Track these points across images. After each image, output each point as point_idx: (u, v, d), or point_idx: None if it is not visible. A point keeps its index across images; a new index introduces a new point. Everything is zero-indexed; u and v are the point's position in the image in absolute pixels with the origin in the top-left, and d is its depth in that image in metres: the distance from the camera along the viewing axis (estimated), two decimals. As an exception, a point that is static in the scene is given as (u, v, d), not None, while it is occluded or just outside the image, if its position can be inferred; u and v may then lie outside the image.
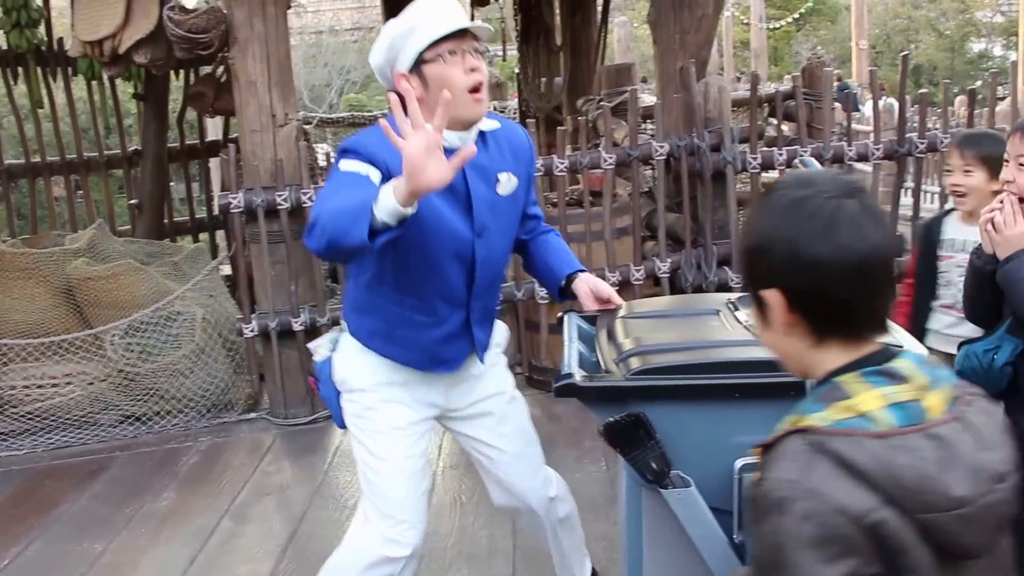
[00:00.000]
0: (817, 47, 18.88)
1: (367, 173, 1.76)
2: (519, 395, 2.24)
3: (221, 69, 4.99)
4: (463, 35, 1.83)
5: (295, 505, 3.47)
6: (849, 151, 4.25)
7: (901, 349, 1.12)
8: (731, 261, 4.30)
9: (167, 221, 6.03)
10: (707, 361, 1.96)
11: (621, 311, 2.01)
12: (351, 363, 2.06)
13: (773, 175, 4.79)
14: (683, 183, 4.35)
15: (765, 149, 4.35)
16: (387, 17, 7.85)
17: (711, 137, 4.24)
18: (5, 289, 4.33)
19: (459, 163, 1.62)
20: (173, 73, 5.62)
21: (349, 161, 1.79)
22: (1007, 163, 2.38)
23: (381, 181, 1.74)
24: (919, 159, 4.45)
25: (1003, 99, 5.16)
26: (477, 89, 1.83)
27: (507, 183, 1.97)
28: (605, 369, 1.99)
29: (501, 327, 2.19)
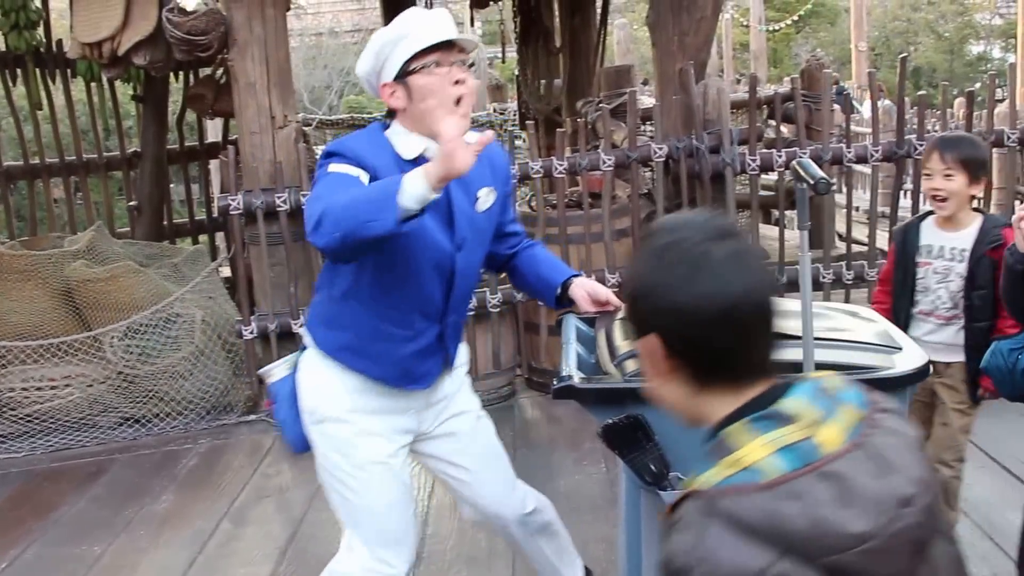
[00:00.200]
0: (816, 49, 18.89)
1: (357, 175, 1.76)
2: (485, 414, 2.21)
3: (220, 71, 4.99)
4: (450, 47, 1.83)
5: (294, 507, 3.47)
6: (848, 153, 4.25)
7: (794, 384, 1.09)
8: (730, 263, 4.30)
9: (166, 223, 6.03)
10: (706, 363, 1.96)
11: (620, 313, 2.01)
12: (319, 388, 1.99)
13: (772, 177, 4.80)
14: (682, 185, 4.35)
15: (764, 151, 4.35)
16: (387, 19, 7.86)
17: (710, 139, 4.24)
18: (4, 291, 4.33)
19: (479, 149, 1.64)
20: (172, 75, 5.63)
21: (338, 164, 1.79)
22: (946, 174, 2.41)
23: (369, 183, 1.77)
24: (918, 161, 4.44)
25: (1001, 101, 5.17)
26: (459, 100, 1.82)
27: (486, 199, 1.97)
28: (604, 371, 1.99)
29: (464, 348, 2.16)
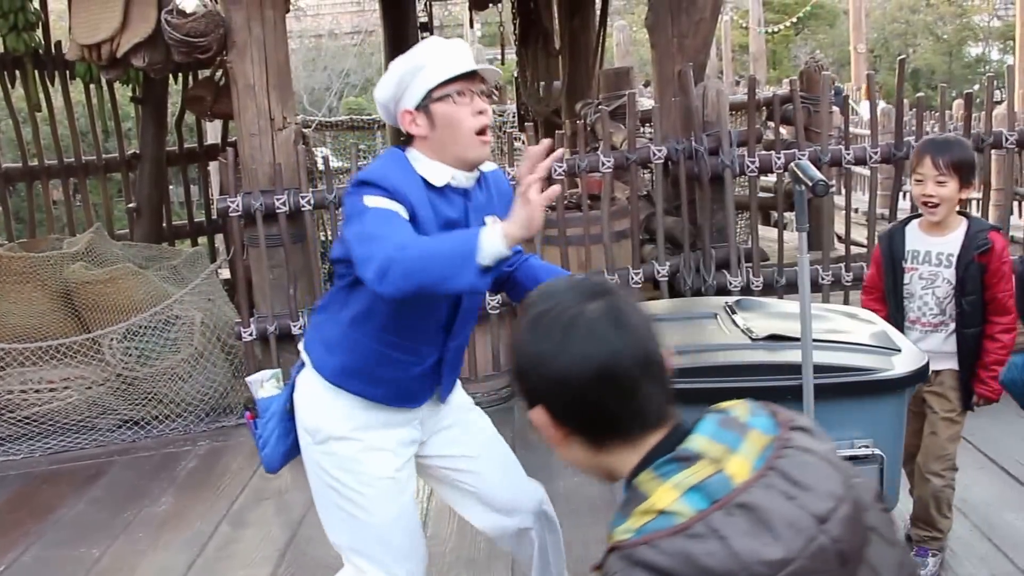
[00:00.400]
0: (815, 51, 18.90)
1: (396, 210, 1.77)
2: (477, 407, 2.20)
3: (220, 73, 4.99)
4: (472, 77, 1.86)
5: (294, 510, 3.46)
6: (847, 154, 4.25)
7: (697, 421, 1.10)
8: (730, 265, 4.30)
9: (165, 225, 6.03)
10: (705, 365, 1.96)
11: None
12: (323, 408, 1.96)
13: (771, 178, 4.80)
14: (681, 187, 4.36)
15: (763, 153, 4.35)
16: (386, 21, 7.87)
17: (709, 141, 4.24)
18: (3, 293, 4.33)
19: (546, 204, 1.67)
20: (171, 77, 5.63)
21: (375, 197, 1.78)
22: (921, 181, 2.38)
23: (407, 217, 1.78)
24: (917, 162, 4.44)
25: (1000, 103, 5.17)
26: (483, 132, 1.86)
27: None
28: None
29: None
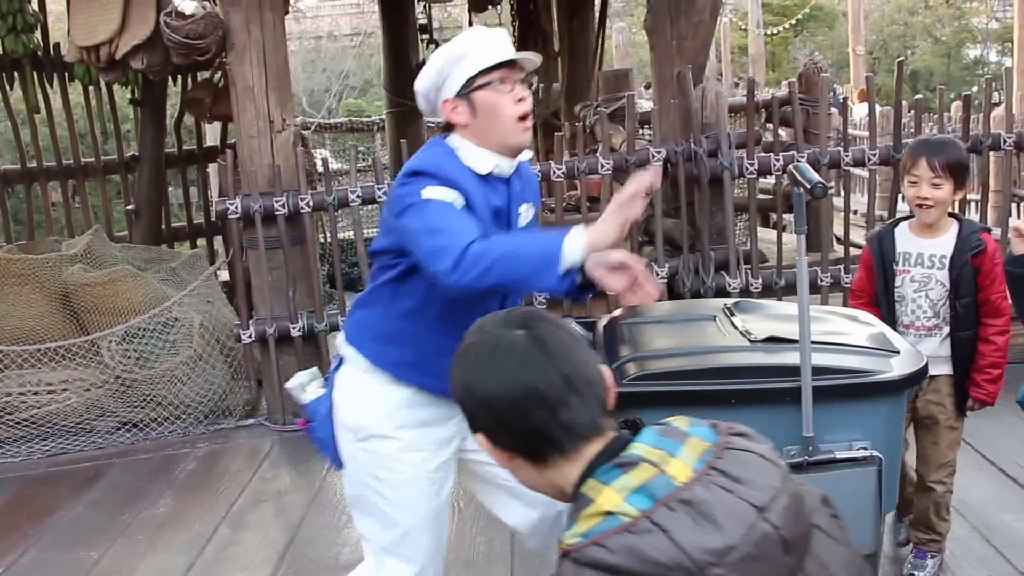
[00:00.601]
0: (814, 53, 18.91)
1: (453, 200, 1.79)
2: None
3: (219, 75, 4.99)
4: (512, 65, 1.89)
5: (293, 512, 3.46)
6: (845, 156, 4.26)
7: (637, 431, 1.16)
8: (728, 266, 4.31)
9: (164, 227, 6.02)
10: (704, 367, 1.96)
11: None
12: (365, 405, 1.98)
13: (770, 180, 4.80)
14: (680, 188, 4.36)
15: (762, 154, 4.35)
16: (385, 23, 7.86)
17: (708, 142, 4.24)
18: (1, 295, 4.32)
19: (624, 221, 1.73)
20: (170, 78, 5.62)
21: (434, 188, 1.79)
22: (913, 183, 2.37)
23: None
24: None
25: (998, 104, 5.17)
26: (525, 118, 1.89)
27: (526, 214, 2.02)
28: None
29: None
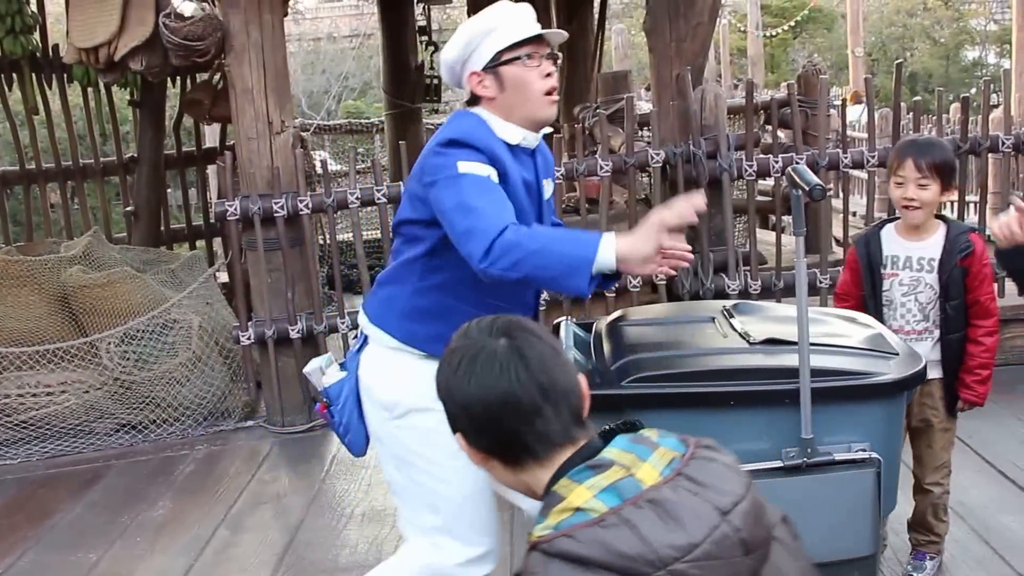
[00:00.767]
0: (813, 55, 18.92)
1: (489, 175, 1.79)
2: None
3: (218, 76, 4.99)
4: (539, 40, 1.90)
5: (292, 514, 3.46)
6: (844, 158, 4.26)
7: (610, 439, 1.22)
8: (728, 268, 4.31)
9: (163, 228, 6.02)
10: (702, 369, 1.96)
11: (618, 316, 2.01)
12: (401, 380, 1.93)
13: (769, 182, 4.80)
14: (679, 190, 4.36)
15: (761, 156, 4.35)
16: (384, 24, 7.87)
17: (707, 144, 4.24)
18: (0, 297, 4.32)
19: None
20: (169, 80, 5.62)
21: (469, 162, 1.79)
22: (900, 184, 2.35)
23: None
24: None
25: (996, 106, 5.18)
26: (551, 92, 1.90)
27: (548, 188, 2.04)
28: (601, 377, 1.99)
29: None
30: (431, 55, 7.69)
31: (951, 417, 2.54)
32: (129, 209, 5.90)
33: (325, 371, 2.04)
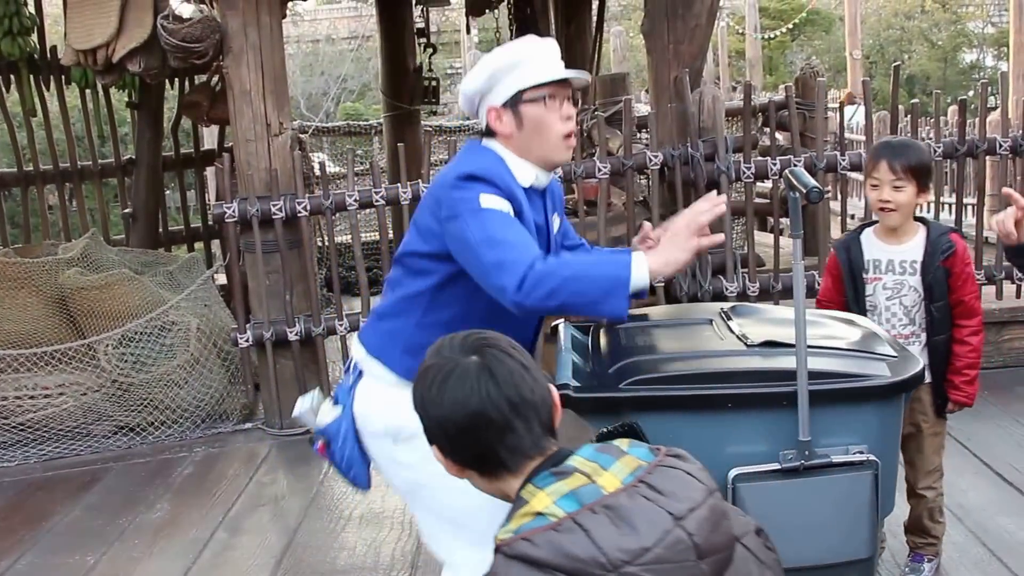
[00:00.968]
0: (811, 57, 18.95)
1: (509, 211, 1.77)
2: None
3: (216, 78, 4.99)
4: (564, 82, 1.87)
5: (290, 516, 3.46)
6: (842, 160, 4.26)
7: (578, 448, 1.26)
8: (726, 270, 4.31)
9: (161, 230, 6.02)
10: (700, 371, 1.96)
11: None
12: (400, 405, 1.81)
13: (767, 185, 4.81)
14: (677, 192, 4.36)
15: (759, 159, 4.36)
16: (383, 26, 7.86)
17: (705, 147, 4.25)
18: (-2, 299, 4.32)
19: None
20: (168, 82, 5.63)
21: (490, 196, 1.76)
22: (876, 185, 2.34)
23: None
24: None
25: (994, 109, 5.19)
26: (569, 136, 1.88)
27: (556, 223, 2.01)
28: (599, 380, 1.99)
29: None
30: (429, 57, 7.69)
31: (940, 420, 2.53)
32: (127, 211, 5.90)
33: (316, 410, 1.95)
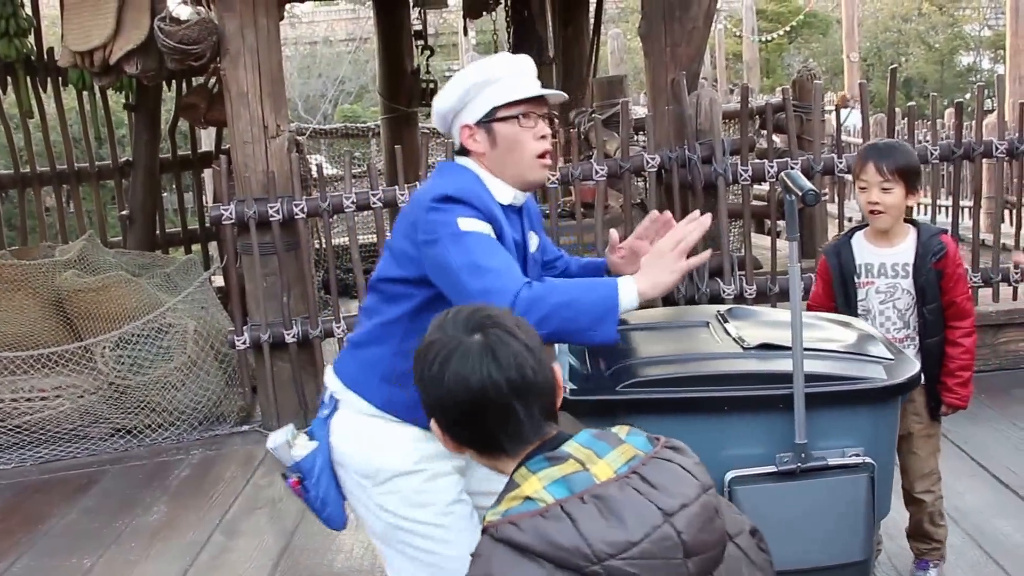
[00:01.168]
0: (809, 60, 18.97)
1: (490, 234, 1.73)
2: None
3: (213, 80, 4.99)
4: (538, 100, 1.83)
5: (287, 519, 3.45)
6: (839, 163, 4.27)
7: (575, 434, 1.25)
8: (723, 273, 4.31)
9: (159, 232, 6.02)
10: (697, 374, 1.96)
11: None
12: (380, 446, 1.80)
13: (764, 187, 4.81)
14: (674, 195, 4.37)
15: (756, 161, 4.36)
16: (380, 28, 7.87)
17: (702, 149, 4.25)
18: (-5, 301, 4.31)
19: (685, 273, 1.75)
20: (165, 84, 5.62)
21: (470, 219, 1.71)
22: (864, 188, 2.33)
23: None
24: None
25: (991, 112, 5.20)
26: (544, 156, 1.83)
27: (534, 242, 1.97)
28: (596, 382, 1.99)
29: None
30: (427, 59, 7.70)
31: (934, 423, 2.53)
32: (124, 213, 5.89)
33: (292, 443, 1.86)
